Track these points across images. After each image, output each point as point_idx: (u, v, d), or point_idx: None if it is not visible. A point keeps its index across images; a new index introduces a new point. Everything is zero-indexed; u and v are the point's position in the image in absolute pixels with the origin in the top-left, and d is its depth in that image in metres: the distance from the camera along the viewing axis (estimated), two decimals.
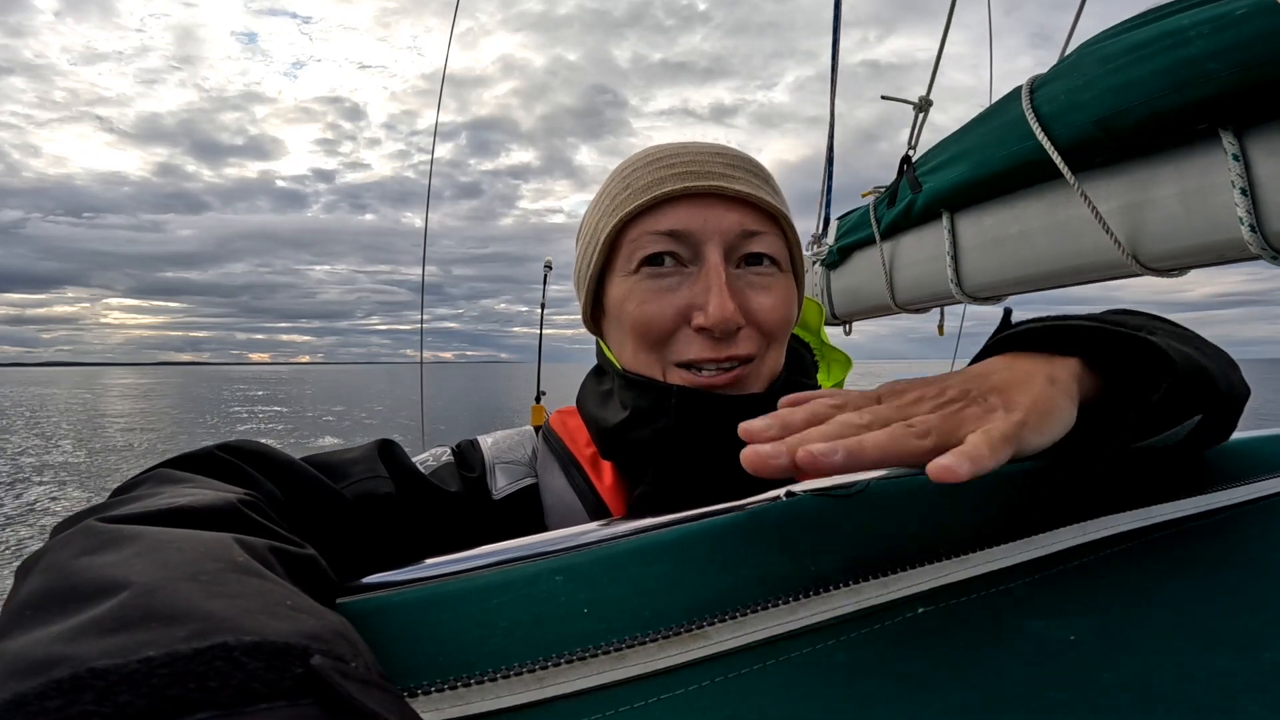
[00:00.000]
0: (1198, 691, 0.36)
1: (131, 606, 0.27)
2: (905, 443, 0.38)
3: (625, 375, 0.68)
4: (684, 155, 0.67)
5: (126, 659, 0.24)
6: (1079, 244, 1.11)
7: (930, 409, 0.43)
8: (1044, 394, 0.43)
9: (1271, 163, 0.83)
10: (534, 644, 0.39)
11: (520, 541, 0.51)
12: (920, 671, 0.38)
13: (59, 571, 0.32)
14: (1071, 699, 0.36)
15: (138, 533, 0.35)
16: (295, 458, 0.59)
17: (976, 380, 0.45)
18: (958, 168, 1.30)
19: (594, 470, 0.71)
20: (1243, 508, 0.54)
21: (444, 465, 0.71)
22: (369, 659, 0.31)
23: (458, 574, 0.46)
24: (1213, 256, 0.96)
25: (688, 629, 0.41)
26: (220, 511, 0.41)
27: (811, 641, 0.40)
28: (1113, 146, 0.96)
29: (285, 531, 0.44)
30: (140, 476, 0.48)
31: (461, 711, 0.35)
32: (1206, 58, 0.77)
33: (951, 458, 0.35)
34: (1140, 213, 0.99)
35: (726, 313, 0.61)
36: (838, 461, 0.37)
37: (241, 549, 0.35)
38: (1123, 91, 0.88)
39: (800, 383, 0.71)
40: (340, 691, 0.25)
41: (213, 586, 0.30)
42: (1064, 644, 0.39)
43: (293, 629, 0.28)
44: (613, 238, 0.67)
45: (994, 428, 0.39)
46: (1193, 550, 0.49)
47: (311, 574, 0.41)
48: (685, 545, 0.47)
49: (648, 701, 0.36)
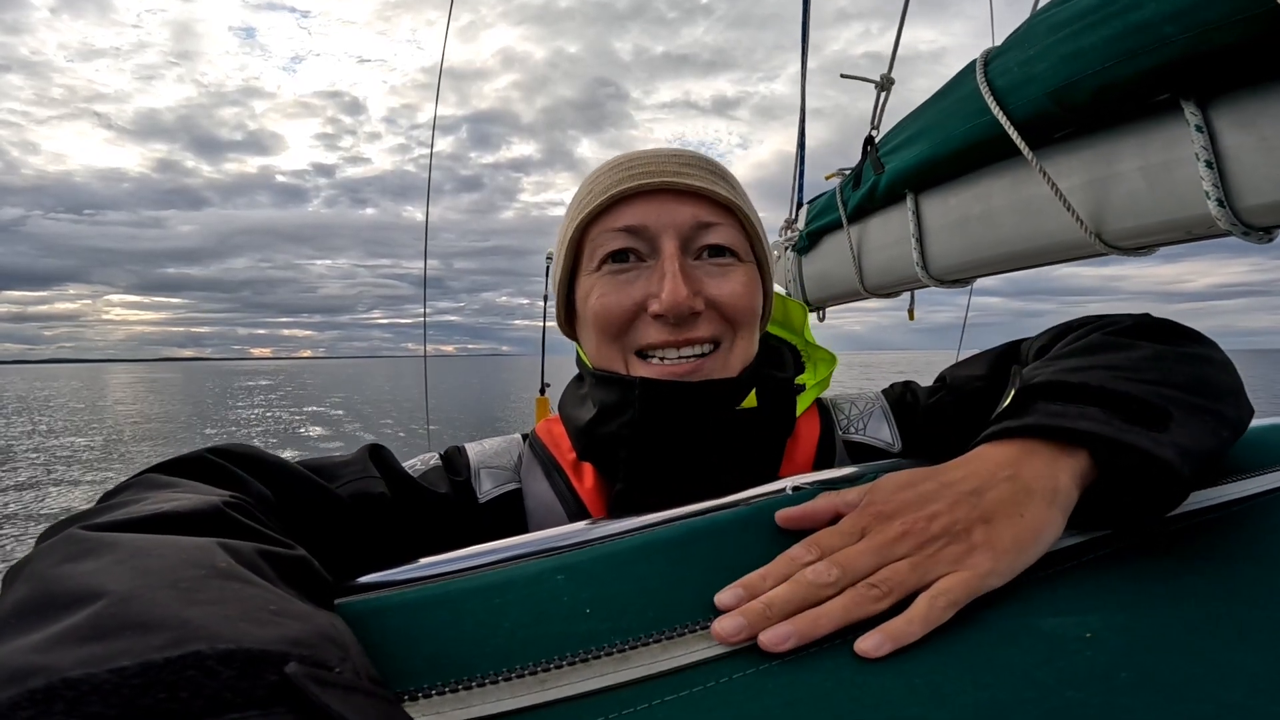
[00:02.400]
0: (1221, 690, 0.34)
1: (108, 615, 0.28)
2: (861, 608, 0.40)
3: (595, 373, 0.71)
4: (641, 159, 0.70)
5: (99, 668, 0.24)
6: (1043, 223, 1.06)
7: (910, 548, 0.43)
8: (1034, 522, 0.44)
9: (1238, 134, 0.77)
10: (537, 644, 0.38)
11: (522, 538, 0.51)
12: (931, 671, 0.36)
13: (40, 580, 0.32)
14: (1088, 698, 0.34)
15: (118, 540, 0.35)
16: (287, 459, 0.59)
17: (973, 499, 0.46)
18: (918, 147, 1.24)
19: (575, 474, 0.73)
20: (1258, 499, 0.53)
21: (432, 469, 0.73)
22: (359, 662, 0.31)
23: (457, 573, 0.46)
24: (1180, 233, 0.90)
25: (693, 629, 0.40)
26: (205, 515, 0.41)
27: (820, 641, 0.39)
28: (1070, 120, 0.90)
29: (274, 533, 0.44)
30: (127, 482, 0.49)
31: (462, 715, 0.34)
32: (1161, 21, 0.71)
33: (874, 639, 0.38)
34: (1103, 189, 0.93)
35: (679, 296, 0.63)
36: (791, 644, 0.38)
37: (225, 554, 0.35)
38: (1074, 60, 0.82)
39: (771, 376, 0.72)
40: (314, 700, 0.25)
41: (191, 594, 0.30)
42: (1080, 642, 0.38)
43: (273, 635, 0.28)
44: (577, 239, 0.71)
45: (946, 591, 0.40)
46: (1208, 543, 0.48)
47: (303, 575, 0.40)
48: (690, 541, 0.47)
49: (652, 704, 0.35)
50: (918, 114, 1.26)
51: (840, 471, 0.57)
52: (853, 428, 0.77)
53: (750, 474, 0.60)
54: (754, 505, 0.51)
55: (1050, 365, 0.58)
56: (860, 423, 0.78)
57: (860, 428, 0.77)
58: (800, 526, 0.48)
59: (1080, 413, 0.49)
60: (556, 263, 0.76)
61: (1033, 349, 0.70)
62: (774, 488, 0.55)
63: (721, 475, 0.61)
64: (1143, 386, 0.51)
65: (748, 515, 0.49)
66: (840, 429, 0.77)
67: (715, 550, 0.46)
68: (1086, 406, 0.50)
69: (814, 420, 0.77)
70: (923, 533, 0.44)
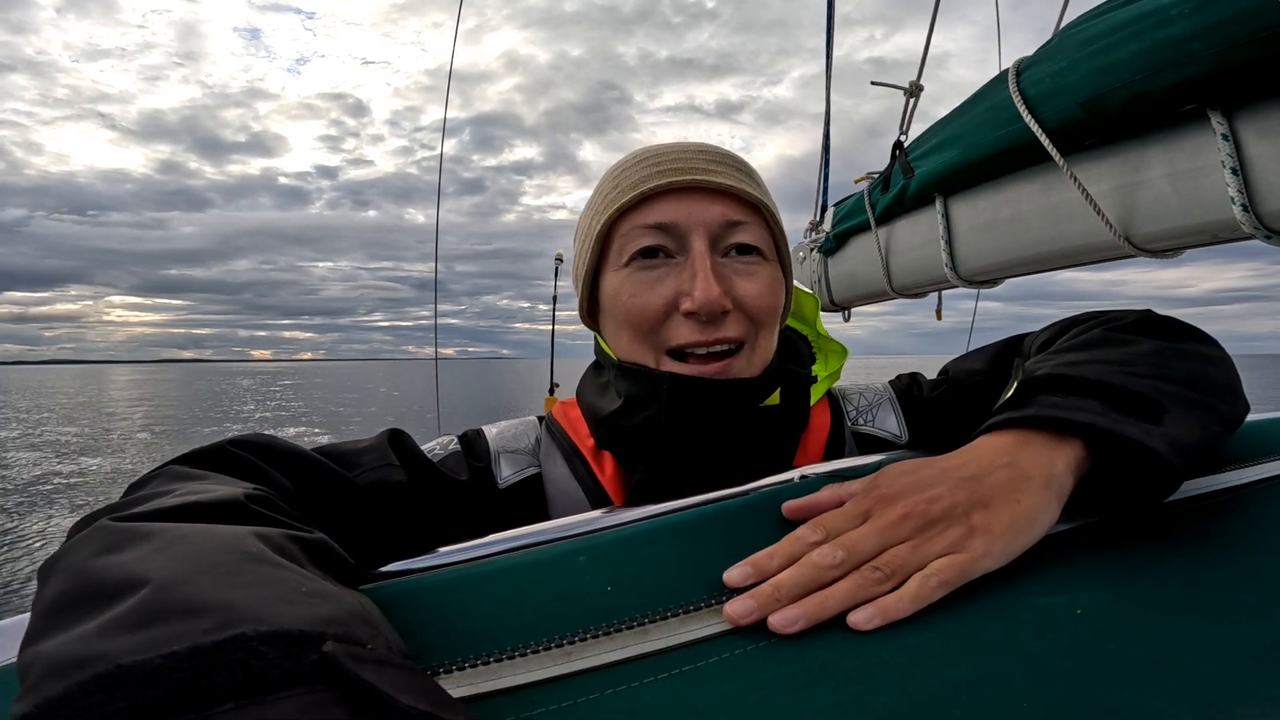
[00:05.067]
0: (1199, 662, 0.37)
1: (153, 601, 0.28)
2: (865, 590, 0.42)
3: (621, 365, 0.70)
4: (670, 154, 0.70)
5: (152, 654, 0.25)
6: (1071, 226, 1.10)
7: (911, 530, 0.45)
8: (1029, 507, 0.46)
9: (1262, 143, 0.82)
10: (560, 620, 0.40)
11: (541, 526, 0.53)
12: (929, 643, 0.39)
13: (79, 572, 0.33)
14: (1076, 669, 0.36)
15: (153, 529, 0.36)
16: (307, 449, 0.60)
17: (973, 484, 0.47)
18: (949, 152, 1.28)
19: (595, 461, 0.73)
20: (1247, 488, 0.55)
21: (452, 454, 0.73)
22: (390, 638, 0.32)
23: (479, 559, 0.47)
24: (1206, 237, 0.94)
25: (707, 604, 0.42)
26: (229, 506, 0.42)
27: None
28: (1100, 128, 0.94)
29: (293, 521, 0.45)
30: (151, 474, 0.50)
31: (493, 686, 0.36)
32: (1189, 38, 0.76)
33: (865, 613, 0.40)
34: (1131, 194, 0.98)
35: (712, 295, 0.63)
36: (800, 627, 0.40)
37: (256, 539, 0.36)
38: (1106, 73, 0.87)
39: (793, 371, 0.73)
40: (352, 675, 0.26)
41: (230, 578, 0.31)
42: (1070, 618, 0.40)
43: (308, 615, 0.29)
44: (605, 234, 0.70)
45: (938, 572, 0.42)
46: (1198, 528, 0.50)
47: (328, 557, 0.42)
48: (702, 526, 0.49)
49: (671, 674, 0.37)
50: (948, 120, 1.31)
51: (849, 462, 0.59)
52: (862, 419, 0.79)
53: (766, 467, 0.62)
54: (764, 492, 0.53)
55: (1052, 359, 0.60)
56: (869, 414, 0.80)
57: (869, 419, 0.79)
58: (805, 517, 0.49)
59: (1078, 404, 0.51)
60: (580, 256, 0.75)
61: (1036, 343, 0.72)
62: (783, 477, 0.57)
63: (739, 469, 0.62)
64: (1139, 381, 0.53)
65: (757, 501, 0.51)
66: (850, 420, 0.79)
67: (726, 533, 0.48)
68: (1084, 399, 0.51)
69: (825, 411, 0.79)
70: (924, 515, 0.45)
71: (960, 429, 0.60)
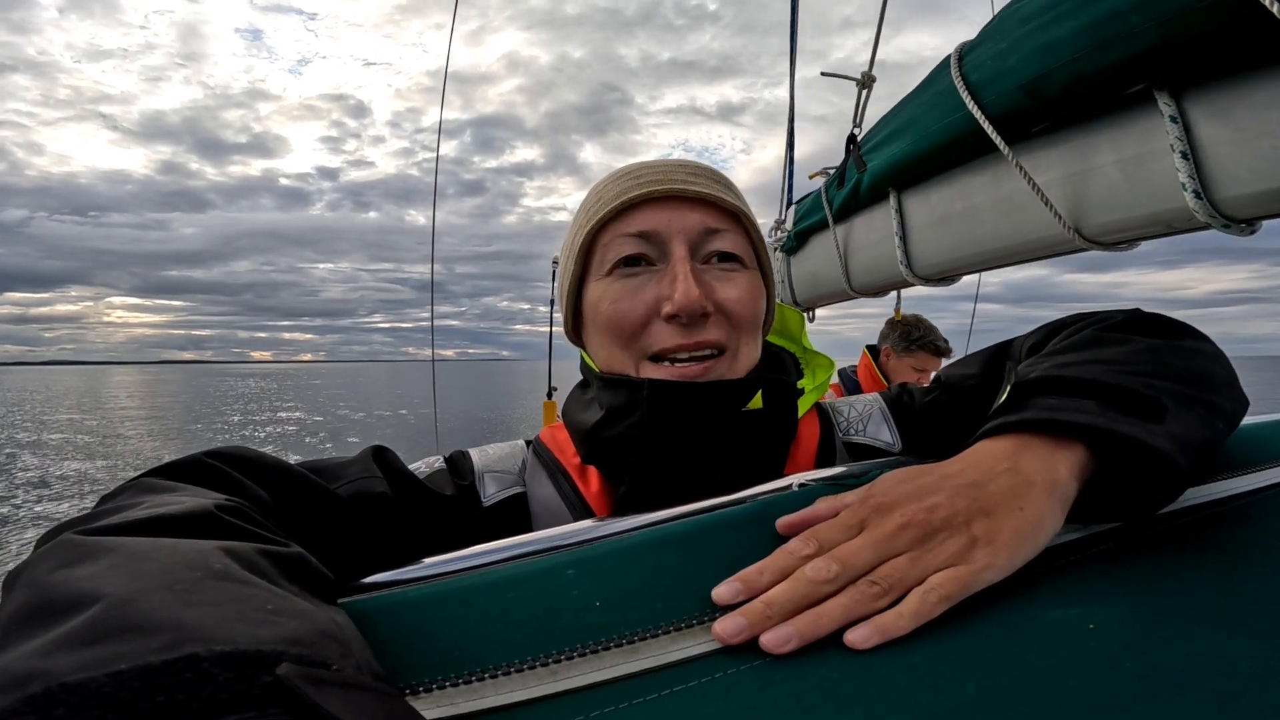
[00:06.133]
0: (1218, 679, 0.35)
1: (105, 619, 0.28)
2: (862, 606, 0.40)
3: (602, 377, 0.71)
4: (650, 168, 0.71)
5: (98, 672, 0.24)
6: (1023, 219, 1.04)
7: (910, 541, 0.43)
8: (1034, 514, 0.44)
9: (1213, 125, 0.76)
10: (547, 637, 0.39)
11: (528, 536, 0.51)
12: (932, 661, 0.37)
13: (37, 586, 0.32)
14: (1091, 687, 0.34)
15: (114, 544, 0.35)
16: (288, 461, 0.59)
17: (974, 491, 0.45)
18: (898, 144, 1.22)
19: (580, 478, 0.73)
20: (1259, 494, 0.53)
21: (437, 472, 0.73)
22: (362, 657, 0.31)
23: (464, 571, 0.46)
24: (1160, 227, 0.88)
25: (700, 621, 0.40)
26: (199, 518, 0.41)
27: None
28: (1044, 113, 0.88)
29: (269, 534, 0.43)
30: (123, 486, 0.49)
31: (474, 706, 0.35)
32: (1127, 10, 0.69)
33: (862, 631, 0.38)
34: (1081, 184, 0.92)
35: (692, 296, 0.64)
36: (793, 646, 0.38)
37: (223, 555, 0.35)
38: (1046, 53, 0.80)
39: (778, 381, 0.72)
40: (307, 700, 0.25)
41: (188, 595, 0.30)
42: (1083, 633, 0.38)
43: (269, 634, 0.28)
44: (587, 245, 0.71)
45: (938, 587, 0.40)
46: (1210, 537, 0.48)
47: (304, 572, 0.40)
48: (696, 537, 0.47)
49: (660, 694, 0.36)
50: (896, 111, 1.25)
51: (845, 469, 0.58)
52: (853, 429, 0.78)
53: (755, 476, 0.61)
54: (759, 502, 0.51)
55: (1045, 361, 0.58)
56: (860, 424, 0.78)
57: (860, 429, 0.78)
58: (799, 532, 0.47)
59: (1075, 406, 0.49)
60: (564, 270, 0.76)
61: (1025, 346, 0.70)
62: (779, 485, 0.55)
63: (726, 477, 0.62)
64: (1136, 379, 0.51)
65: (753, 511, 0.50)
66: (840, 431, 0.78)
67: (721, 545, 0.46)
68: (1081, 400, 0.50)
69: (814, 422, 0.77)
70: (923, 525, 0.43)
71: (955, 435, 0.59)
